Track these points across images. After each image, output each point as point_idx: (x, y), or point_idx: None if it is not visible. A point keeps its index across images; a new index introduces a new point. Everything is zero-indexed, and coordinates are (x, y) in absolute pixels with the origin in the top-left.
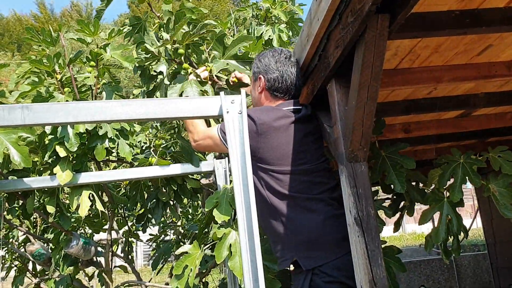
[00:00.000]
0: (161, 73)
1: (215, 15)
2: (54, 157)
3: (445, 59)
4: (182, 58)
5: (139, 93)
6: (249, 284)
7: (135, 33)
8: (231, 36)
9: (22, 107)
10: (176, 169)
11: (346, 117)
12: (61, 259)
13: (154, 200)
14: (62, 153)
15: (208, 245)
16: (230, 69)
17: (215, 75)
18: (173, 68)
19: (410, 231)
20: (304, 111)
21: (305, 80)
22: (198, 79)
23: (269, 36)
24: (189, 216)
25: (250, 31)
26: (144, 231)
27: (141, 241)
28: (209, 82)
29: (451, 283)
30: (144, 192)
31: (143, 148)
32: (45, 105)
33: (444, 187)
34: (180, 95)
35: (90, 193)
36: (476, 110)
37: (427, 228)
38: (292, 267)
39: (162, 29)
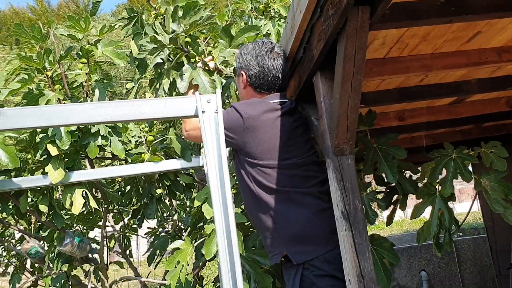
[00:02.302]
0: (168, 60)
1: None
2: (46, 155)
3: (434, 47)
4: (189, 46)
5: (133, 87)
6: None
7: (132, 26)
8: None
9: None
10: (168, 164)
11: (331, 110)
12: (55, 257)
13: (149, 195)
14: (53, 151)
15: (200, 240)
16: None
17: (220, 64)
18: (175, 57)
19: None
20: (290, 104)
21: (292, 73)
22: (206, 67)
23: (268, 30)
24: (187, 209)
25: (248, 24)
26: (140, 226)
27: (138, 235)
28: (216, 71)
29: (451, 267)
30: (139, 186)
31: (137, 142)
32: (16, 109)
33: (437, 181)
34: (190, 84)
35: (83, 191)
36: (469, 96)
37: (428, 213)
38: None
39: (159, 18)
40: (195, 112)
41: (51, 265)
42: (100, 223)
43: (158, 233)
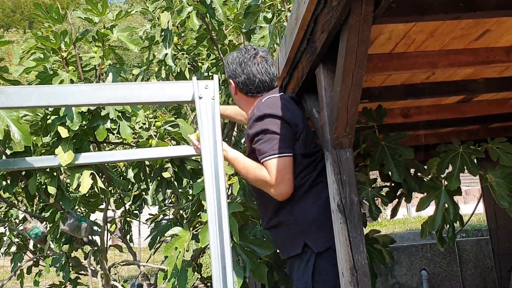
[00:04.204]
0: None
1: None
2: (56, 138)
3: (441, 44)
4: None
5: (139, 73)
6: (218, 273)
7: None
8: None
9: None
10: (176, 150)
11: (331, 103)
12: (56, 237)
13: (158, 178)
14: (64, 134)
15: (199, 227)
16: None
17: None
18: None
19: (415, 214)
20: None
21: (295, 64)
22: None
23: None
24: (189, 197)
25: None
26: (140, 212)
27: (140, 221)
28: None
29: (452, 267)
30: (146, 171)
31: (141, 128)
32: (17, 88)
33: (442, 176)
34: None
35: (91, 173)
36: (476, 95)
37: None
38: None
39: None
40: (192, 97)
41: (51, 246)
42: (101, 206)
43: (159, 220)
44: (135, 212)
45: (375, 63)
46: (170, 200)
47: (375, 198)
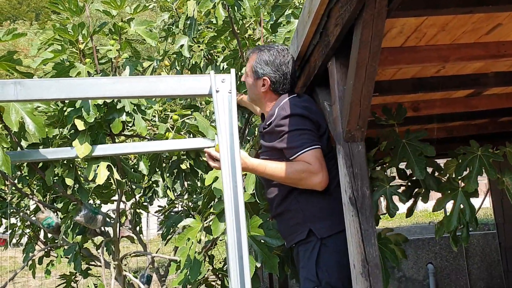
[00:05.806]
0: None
1: None
2: (73, 130)
3: (452, 37)
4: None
5: (150, 65)
6: (235, 265)
7: None
8: None
9: (15, 83)
10: (191, 143)
11: (344, 96)
12: (70, 228)
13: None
14: (80, 126)
15: (211, 219)
16: None
17: None
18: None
19: (422, 208)
20: None
21: (307, 58)
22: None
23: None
24: (197, 190)
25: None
26: (151, 204)
27: (149, 213)
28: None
29: (459, 261)
30: (163, 161)
31: (153, 121)
32: (37, 81)
33: (460, 177)
34: None
35: (108, 164)
36: (486, 89)
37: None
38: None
39: None
40: (209, 91)
41: (63, 236)
42: (114, 197)
43: (168, 212)
44: (145, 204)
45: (386, 56)
46: (178, 193)
47: (393, 196)
